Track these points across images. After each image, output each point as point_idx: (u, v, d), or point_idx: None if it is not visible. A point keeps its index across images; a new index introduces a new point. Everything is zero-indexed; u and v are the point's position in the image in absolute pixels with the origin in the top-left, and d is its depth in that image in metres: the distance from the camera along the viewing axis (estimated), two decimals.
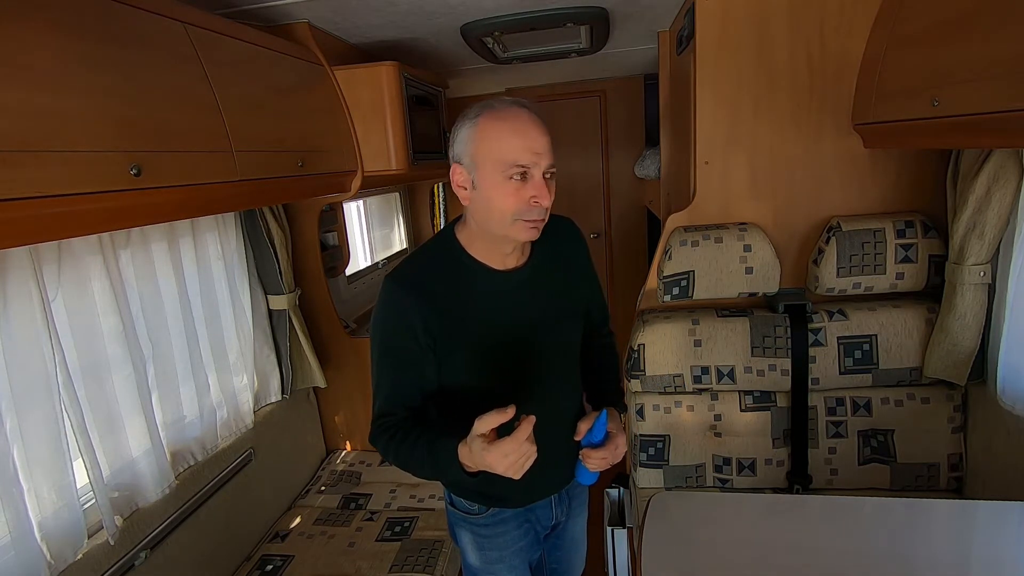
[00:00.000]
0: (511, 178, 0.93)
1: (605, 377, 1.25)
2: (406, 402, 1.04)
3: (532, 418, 0.86)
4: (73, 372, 1.23)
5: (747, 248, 1.61)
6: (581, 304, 1.18)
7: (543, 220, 0.98)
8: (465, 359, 1.02)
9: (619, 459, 1.08)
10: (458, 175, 0.98)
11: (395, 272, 1.03)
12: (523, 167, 0.93)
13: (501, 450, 0.84)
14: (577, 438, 1.07)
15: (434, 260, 1.05)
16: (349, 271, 2.71)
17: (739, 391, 1.69)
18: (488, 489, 1.08)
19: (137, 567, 1.38)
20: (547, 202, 0.95)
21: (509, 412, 0.84)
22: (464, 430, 0.89)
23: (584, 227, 1.28)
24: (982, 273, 1.39)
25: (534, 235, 0.98)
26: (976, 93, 1.03)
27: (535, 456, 0.87)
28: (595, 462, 1.06)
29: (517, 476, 0.86)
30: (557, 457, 1.12)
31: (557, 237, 1.12)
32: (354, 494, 2.10)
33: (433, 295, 1.00)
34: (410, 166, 2.03)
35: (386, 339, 1.02)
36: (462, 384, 1.04)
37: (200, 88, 1.23)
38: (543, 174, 0.95)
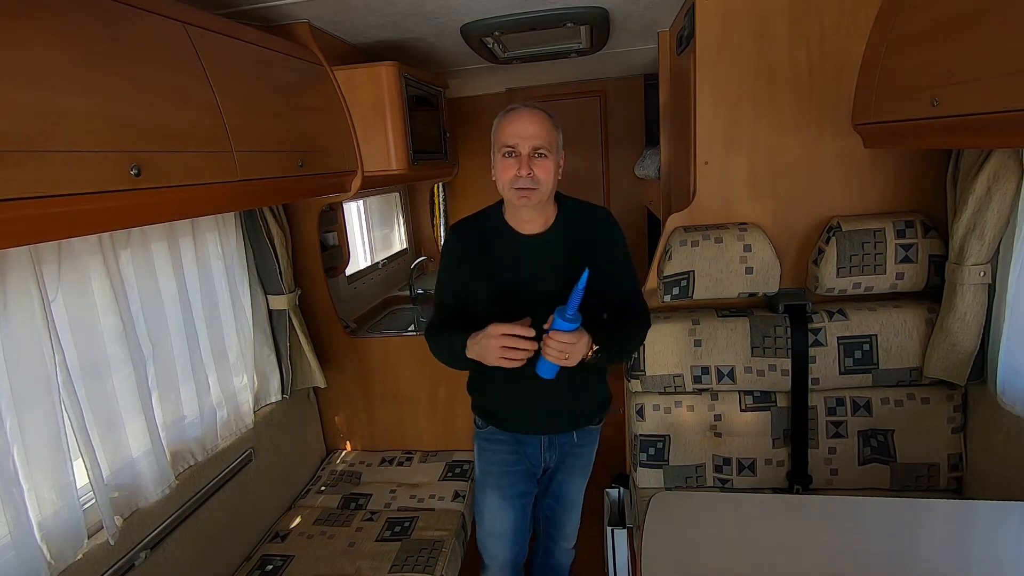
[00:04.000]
0: (504, 155, 1.23)
1: (614, 318, 1.35)
2: (446, 308, 1.40)
3: (528, 320, 1.16)
4: (73, 372, 1.23)
5: (747, 248, 1.61)
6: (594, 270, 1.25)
7: (531, 189, 1.22)
8: (479, 290, 1.34)
9: (576, 358, 1.16)
10: (492, 161, 1.30)
11: (457, 221, 1.44)
12: (510, 147, 1.22)
13: (498, 332, 1.15)
14: (545, 327, 1.18)
15: (481, 217, 1.40)
16: (349, 271, 2.71)
17: (739, 391, 1.69)
18: (486, 404, 1.45)
19: (137, 567, 1.38)
20: (525, 171, 1.20)
21: (525, 324, 1.16)
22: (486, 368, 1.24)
23: None
24: (982, 273, 1.39)
25: (524, 202, 1.24)
26: (976, 93, 1.03)
27: (522, 354, 1.16)
28: (554, 348, 1.15)
29: (493, 362, 1.18)
30: (547, 399, 1.35)
31: (586, 220, 1.36)
32: (354, 494, 2.10)
33: (470, 239, 1.37)
34: (410, 166, 2.03)
35: (441, 263, 1.42)
36: (478, 310, 1.33)
37: (200, 88, 1.23)
38: (529, 153, 1.21)
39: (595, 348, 1.19)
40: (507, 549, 1.49)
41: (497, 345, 1.16)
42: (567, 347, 1.14)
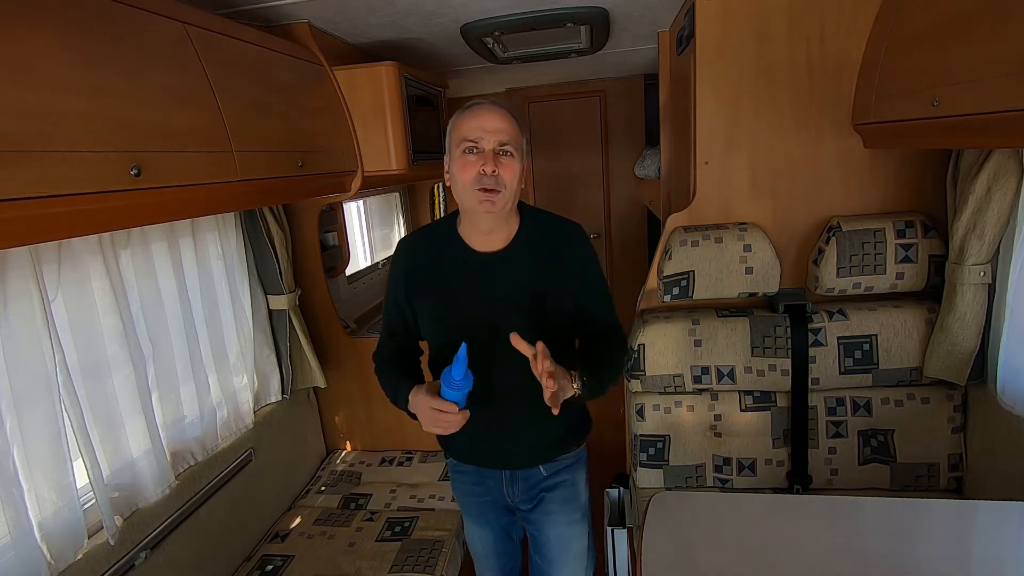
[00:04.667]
0: (465, 152, 1.08)
1: (588, 349, 1.20)
2: (392, 331, 1.27)
3: (454, 406, 1.02)
4: (73, 372, 1.23)
5: (747, 248, 1.61)
6: (556, 302, 1.16)
7: (495, 191, 1.07)
8: (427, 315, 1.20)
9: (557, 403, 0.98)
10: (445, 164, 1.16)
11: (406, 235, 1.30)
12: (472, 141, 1.08)
13: (425, 403, 1.04)
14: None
15: (433, 231, 1.26)
16: (349, 271, 2.71)
17: (739, 391, 1.69)
18: (442, 436, 1.26)
19: (137, 567, 1.38)
20: (490, 168, 1.06)
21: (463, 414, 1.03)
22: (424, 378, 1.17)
23: (584, 227, 1.24)
24: (982, 273, 1.39)
25: (488, 207, 1.08)
26: (976, 93, 1.03)
27: (447, 428, 1.04)
28: (440, 421, 1.04)
29: (427, 429, 1.07)
30: (503, 432, 1.21)
31: (552, 235, 1.19)
32: (354, 494, 2.10)
33: (418, 256, 1.21)
34: (410, 166, 2.03)
35: (388, 281, 1.27)
36: (427, 334, 1.24)
37: (200, 88, 1.23)
38: (493, 149, 1.07)
39: (583, 380, 1.05)
40: (492, 569, 1.43)
41: (428, 415, 1.05)
42: (451, 420, 1.02)
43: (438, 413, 1.02)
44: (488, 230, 1.15)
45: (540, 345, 0.96)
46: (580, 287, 1.18)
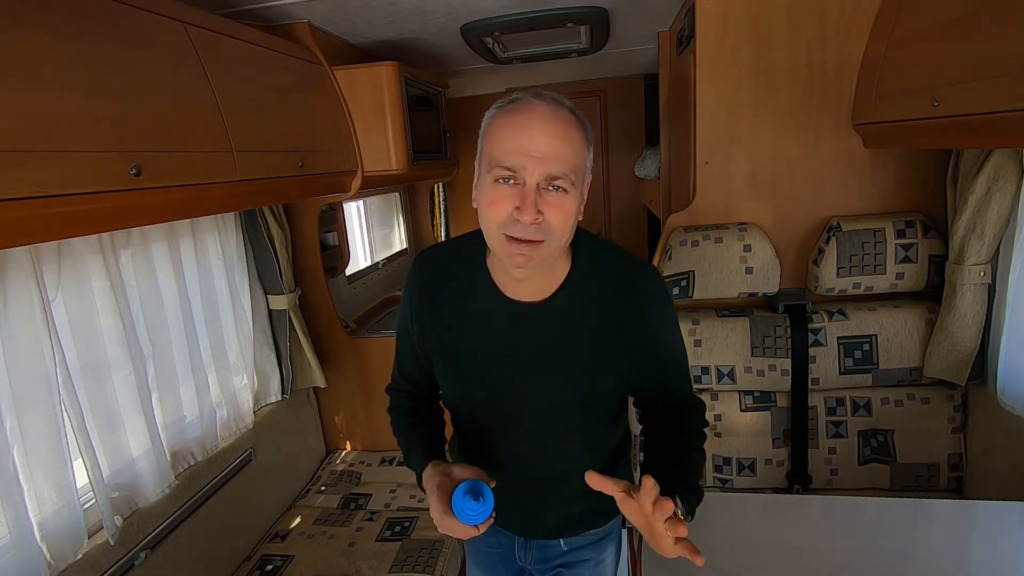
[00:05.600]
0: (497, 181, 0.77)
1: (673, 462, 0.87)
2: (404, 372, 1.04)
3: (468, 529, 0.81)
4: (73, 372, 1.23)
5: (747, 248, 1.61)
6: (611, 373, 0.90)
7: (535, 242, 0.76)
8: (441, 362, 0.95)
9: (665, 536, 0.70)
10: (475, 174, 0.85)
11: (425, 250, 0.98)
12: (509, 170, 0.75)
13: (436, 508, 0.83)
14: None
15: (455, 254, 0.95)
16: (349, 271, 2.71)
17: (739, 391, 1.69)
18: None
19: (137, 567, 1.38)
20: (530, 215, 0.74)
21: (489, 482, 0.81)
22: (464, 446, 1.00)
23: (584, 226, 0.91)
24: (982, 273, 1.39)
25: (521, 261, 0.77)
26: (976, 93, 1.03)
27: (459, 536, 0.84)
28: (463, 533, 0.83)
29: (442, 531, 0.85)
30: (520, 499, 0.99)
31: (617, 283, 0.87)
32: (354, 494, 2.10)
33: (435, 286, 0.93)
34: (410, 166, 2.03)
35: (401, 306, 1.00)
36: (441, 381, 0.98)
37: (200, 88, 1.23)
38: (540, 184, 0.75)
39: (686, 504, 0.77)
40: None
41: (438, 520, 0.84)
42: (463, 536, 0.83)
43: (450, 523, 0.82)
44: (523, 277, 0.85)
45: (649, 481, 0.66)
46: (647, 357, 0.89)
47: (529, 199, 0.74)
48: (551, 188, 0.76)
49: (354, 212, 3.03)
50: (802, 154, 1.65)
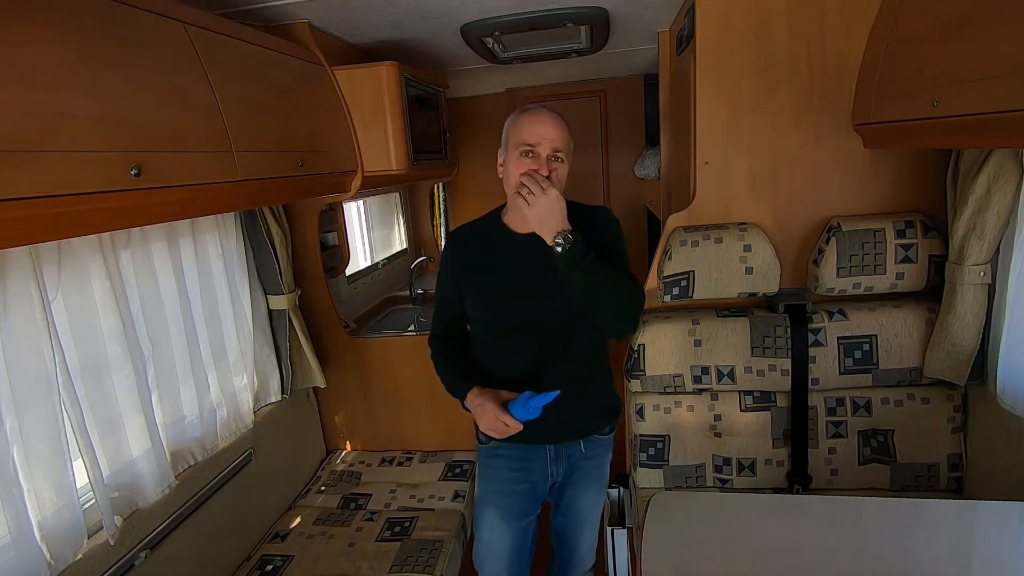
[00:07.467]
0: (522, 155, 1.21)
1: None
2: (443, 320, 1.44)
3: (518, 423, 1.23)
4: (73, 372, 1.23)
5: (747, 248, 1.61)
6: None
7: None
8: (474, 297, 1.34)
9: (551, 223, 1.13)
10: (500, 158, 1.29)
11: (453, 230, 1.43)
12: (530, 146, 1.20)
13: (492, 411, 1.23)
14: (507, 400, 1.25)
15: (478, 223, 1.40)
16: (349, 271, 2.71)
17: (739, 391, 1.69)
18: None
19: (137, 567, 1.38)
20: (545, 172, 1.19)
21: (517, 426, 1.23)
22: (484, 368, 1.37)
23: None
24: (982, 273, 1.39)
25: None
26: (976, 93, 1.03)
27: (503, 435, 1.25)
28: (498, 429, 1.26)
29: (483, 429, 1.28)
30: (552, 405, 1.24)
31: (586, 218, 1.27)
32: (354, 494, 2.10)
33: (465, 244, 1.37)
34: (410, 166, 2.03)
35: (438, 276, 1.42)
36: (473, 315, 1.37)
37: (200, 88, 1.23)
38: (549, 155, 1.20)
39: (575, 237, 1.12)
40: (503, 572, 1.44)
41: (491, 422, 1.24)
42: (510, 432, 1.24)
43: (501, 425, 1.22)
44: None
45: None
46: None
47: (544, 163, 1.20)
48: (554, 158, 1.21)
49: (354, 212, 3.03)
50: (802, 154, 1.65)
